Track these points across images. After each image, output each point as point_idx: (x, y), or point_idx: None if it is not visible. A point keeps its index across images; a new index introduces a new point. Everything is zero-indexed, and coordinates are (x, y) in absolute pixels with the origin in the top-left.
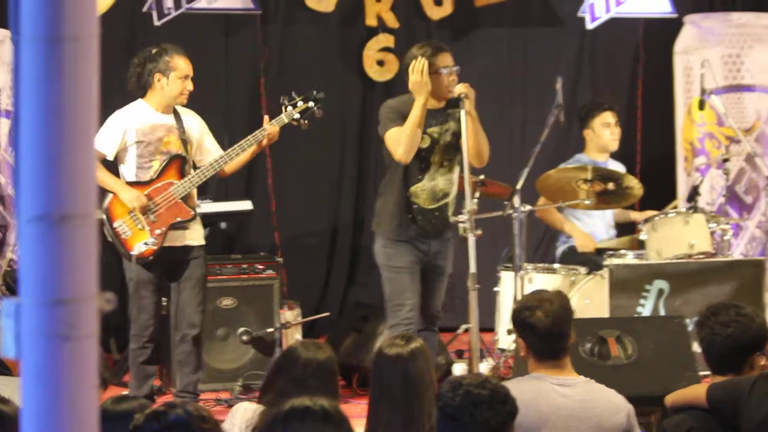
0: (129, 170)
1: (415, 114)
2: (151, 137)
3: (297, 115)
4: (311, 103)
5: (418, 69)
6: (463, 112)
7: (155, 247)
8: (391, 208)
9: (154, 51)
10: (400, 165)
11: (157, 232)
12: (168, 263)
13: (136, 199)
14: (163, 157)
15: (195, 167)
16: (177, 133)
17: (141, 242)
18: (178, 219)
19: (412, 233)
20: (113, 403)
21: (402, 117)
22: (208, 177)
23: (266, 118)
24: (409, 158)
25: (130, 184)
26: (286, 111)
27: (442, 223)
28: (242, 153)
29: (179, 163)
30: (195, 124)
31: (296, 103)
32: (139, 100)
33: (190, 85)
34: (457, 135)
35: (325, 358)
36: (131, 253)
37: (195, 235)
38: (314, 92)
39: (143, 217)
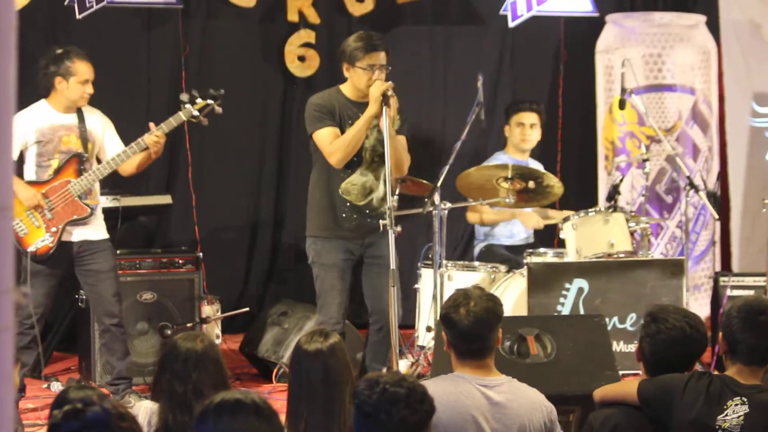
0: (29, 168)
1: (361, 125)
2: (51, 137)
3: (195, 113)
4: (210, 101)
5: (381, 87)
6: (385, 110)
7: (51, 245)
8: (319, 206)
9: (57, 53)
10: (325, 162)
11: (53, 229)
12: (69, 258)
13: (33, 198)
14: (62, 156)
15: (99, 163)
16: (77, 132)
17: (38, 240)
18: (74, 217)
19: (344, 231)
20: (74, 390)
21: (329, 113)
22: (104, 175)
23: (151, 125)
24: (343, 164)
25: (29, 183)
26: (184, 108)
27: (374, 218)
28: (134, 155)
29: (77, 162)
30: (98, 122)
31: (195, 99)
32: (42, 100)
33: (90, 89)
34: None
35: (202, 348)
36: (27, 250)
37: (96, 230)
38: (211, 90)
39: (39, 215)
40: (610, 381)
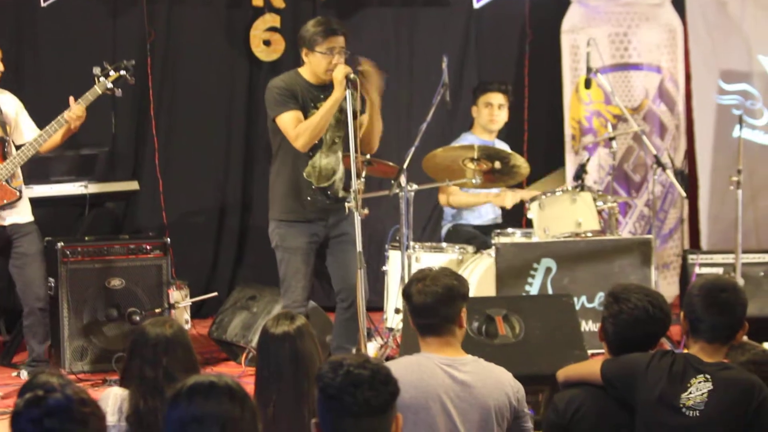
0: None
1: (327, 109)
2: None
3: (110, 85)
4: (122, 72)
5: (344, 70)
6: (349, 93)
7: None
8: (284, 190)
9: None
10: (290, 146)
11: None
12: (4, 239)
13: None
14: None
15: (16, 146)
16: None
17: None
18: (5, 201)
19: (308, 214)
20: (41, 377)
21: (293, 96)
22: (28, 157)
23: (71, 99)
24: (309, 148)
25: None
26: (99, 82)
27: (335, 200)
28: (54, 133)
29: (1, 147)
30: (11, 104)
31: (108, 72)
32: None
33: (0, 67)
34: (346, 113)
35: (172, 333)
36: None
37: (22, 213)
38: (124, 61)
39: None
40: (578, 360)
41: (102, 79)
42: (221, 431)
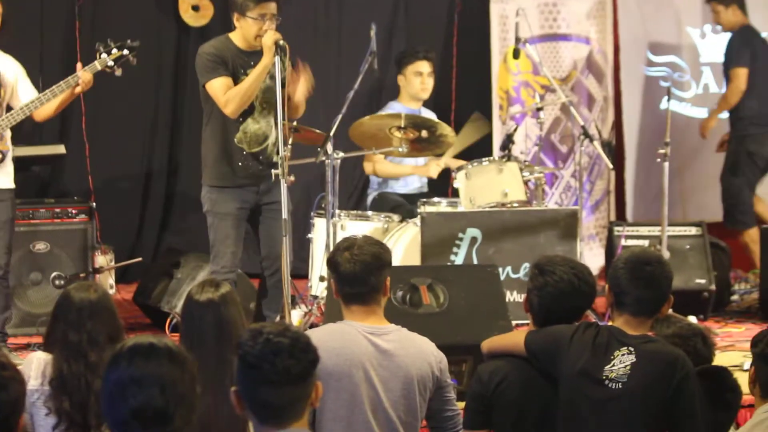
0: None
1: (256, 75)
2: None
3: (111, 63)
4: (125, 51)
5: (273, 36)
6: (278, 59)
7: None
8: (215, 156)
9: None
10: (220, 112)
11: None
12: None
13: None
14: None
15: (10, 110)
16: None
17: None
18: None
19: (240, 179)
20: None
21: (223, 63)
22: (18, 120)
23: (79, 65)
24: (238, 114)
25: None
26: (99, 58)
27: (267, 166)
28: (54, 98)
29: None
30: (11, 67)
31: (111, 50)
32: None
33: None
34: (275, 79)
35: (97, 298)
36: None
37: (2, 178)
38: (129, 41)
39: None
40: (502, 331)
41: (104, 55)
42: (160, 392)
